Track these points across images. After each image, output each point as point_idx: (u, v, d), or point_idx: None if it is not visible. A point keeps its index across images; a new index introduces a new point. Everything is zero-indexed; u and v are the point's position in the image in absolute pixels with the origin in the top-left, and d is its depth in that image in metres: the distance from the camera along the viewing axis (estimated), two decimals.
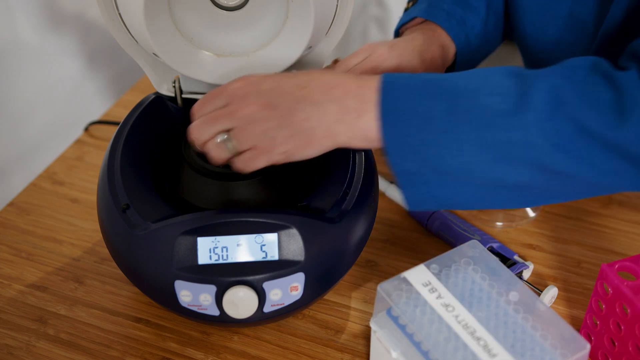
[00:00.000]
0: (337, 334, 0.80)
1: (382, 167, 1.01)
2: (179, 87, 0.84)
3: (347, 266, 0.76)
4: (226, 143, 0.69)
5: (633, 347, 0.70)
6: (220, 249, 0.70)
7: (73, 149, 1.05)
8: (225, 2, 0.78)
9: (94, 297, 0.84)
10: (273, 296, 0.71)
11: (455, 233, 0.88)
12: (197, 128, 0.70)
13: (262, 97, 0.68)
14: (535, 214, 0.92)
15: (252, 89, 0.69)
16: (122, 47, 0.80)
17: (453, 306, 0.67)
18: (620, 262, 0.72)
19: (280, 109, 0.68)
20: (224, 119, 0.68)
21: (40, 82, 1.39)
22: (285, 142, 0.68)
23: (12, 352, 0.78)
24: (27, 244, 0.91)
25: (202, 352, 0.78)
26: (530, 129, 0.62)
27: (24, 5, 1.31)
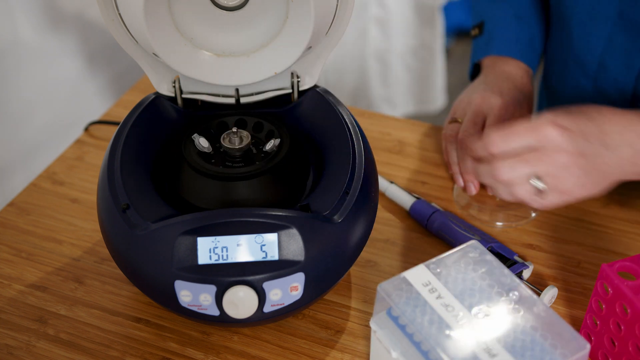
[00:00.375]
0: (337, 334, 0.80)
1: (382, 167, 1.01)
2: (179, 87, 0.84)
3: (347, 266, 0.76)
4: (536, 183, 0.72)
5: (633, 347, 0.70)
6: (220, 249, 0.70)
7: (73, 149, 1.05)
8: (225, 2, 0.78)
9: (94, 297, 0.84)
10: (273, 296, 0.71)
11: (455, 233, 0.88)
12: (509, 168, 0.72)
13: (573, 145, 0.71)
14: (535, 214, 0.92)
15: (566, 137, 0.71)
16: (122, 47, 0.80)
17: (453, 306, 0.67)
18: (620, 262, 0.72)
19: (589, 157, 0.71)
20: (538, 163, 0.71)
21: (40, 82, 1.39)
22: (590, 187, 0.73)
23: (12, 352, 0.78)
24: (27, 244, 0.91)
25: (202, 352, 0.78)
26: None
27: (24, 5, 1.31)
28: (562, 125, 0.72)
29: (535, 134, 0.71)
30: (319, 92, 0.85)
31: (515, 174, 0.72)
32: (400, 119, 1.11)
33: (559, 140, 0.71)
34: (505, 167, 0.72)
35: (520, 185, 0.73)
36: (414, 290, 0.69)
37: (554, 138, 0.71)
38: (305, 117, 0.85)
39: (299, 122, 0.85)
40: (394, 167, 1.01)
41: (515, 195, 0.74)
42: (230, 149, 0.78)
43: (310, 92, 0.86)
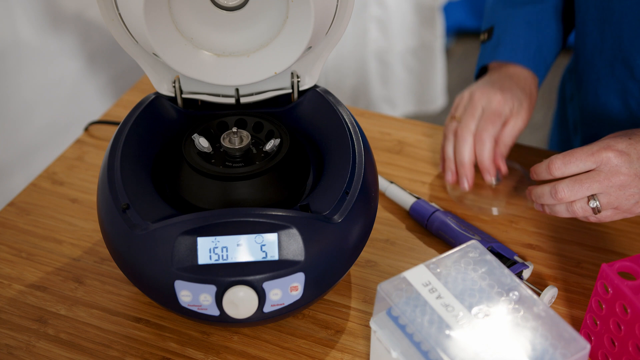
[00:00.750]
0: (337, 334, 0.80)
1: (382, 167, 1.01)
2: (179, 87, 0.84)
3: (347, 266, 0.76)
4: (592, 204, 0.79)
5: (633, 347, 0.70)
6: (220, 249, 0.70)
7: (73, 149, 1.05)
8: (225, 2, 0.78)
9: (94, 297, 0.84)
10: (273, 296, 0.71)
11: (455, 233, 0.88)
12: (569, 188, 0.79)
13: (629, 167, 0.78)
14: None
15: (622, 160, 0.78)
16: (122, 47, 0.80)
17: (453, 306, 0.67)
18: (620, 262, 0.72)
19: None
20: (596, 184, 0.78)
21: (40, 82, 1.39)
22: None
23: (12, 352, 0.78)
24: (27, 244, 0.91)
25: (202, 352, 0.78)
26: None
27: (24, 5, 1.31)
28: (620, 150, 0.78)
29: (594, 157, 0.78)
30: (319, 92, 0.85)
31: (572, 194, 0.79)
32: (400, 119, 1.11)
33: (616, 162, 0.78)
34: (564, 188, 0.79)
35: (577, 203, 0.80)
36: (414, 290, 0.69)
37: (611, 160, 0.78)
38: (305, 117, 0.85)
39: (299, 122, 0.85)
40: (394, 167, 1.01)
41: (572, 212, 0.81)
42: (230, 149, 0.78)
43: (310, 92, 0.86)
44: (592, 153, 0.78)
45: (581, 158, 0.79)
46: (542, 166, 0.82)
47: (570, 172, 0.79)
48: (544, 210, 0.84)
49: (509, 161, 0.99)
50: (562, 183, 0.79)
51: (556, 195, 0.80)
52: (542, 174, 0.82)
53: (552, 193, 0.80)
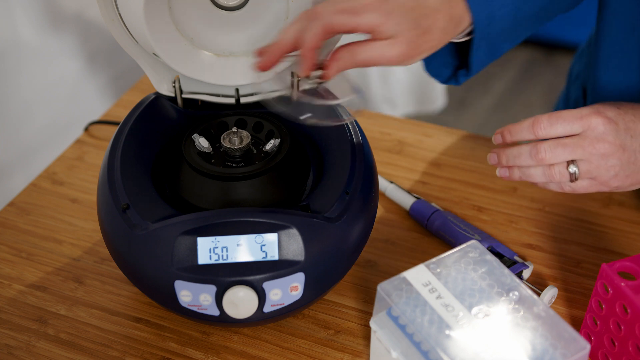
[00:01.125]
0: (337, 334, 0.80)
1: (382, 167, 1.01)
2: (179, 87, 0.84)
3: (347, 266, 0.76)
4: (571, 169, 0.74)
5: (633, 347, 0.70)
6: (220, 249, 0.70)
7: (73, 149, 1.05)
8: (225, 2, 0.78)
9: (94, 297, 0.84)
10: (273, 296, 0.71)
11: (455, 233, 0.88)
12: (551, 149, 0.74)
13: (615, 137, 0.73)
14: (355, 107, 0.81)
15: (610, 128, 0.73)
16: (122, 47, 0.80)
17: (453, 306, 0.67)
18: (620, 262, 0.72)
19: (629, 151, 0.74)
20: (579, 150, 0.74)
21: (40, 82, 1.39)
22: (622, 179, 0.75)
23: (12, 352, 0.78)
24: (27, 244, 0.91)
25: (202, 352, 0.78)
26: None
27: (24, 5, 1.31)
28: (608, 117, 0.74)
29: (581, 121, 0.74)
30: (319, 91, 0.85)
31: (553, 155, 0.74)
32: (400, 119, 1.11)
33: (602, 129, 0.74)
34: (547, 148, 0.74)
35: (556, 167, 0.75)
36: (414, 290, 0.69)
37: (598, 127, 0.74)
38: None
39: (299, 122, 0.85)
40: (394, 167, 1.01)
41: (549, 175, 0.76)
42: (230, 149, 0.78)
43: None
44: (581, 117, 0.74)
45: (568, 120, 0.74)
46: (523, 124, 0.76)
47: (555, 134, 0.74)
48: (512, 174, 0.78)
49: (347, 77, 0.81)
50: (544, 143, 0.74)
51: (537, 156, 0.75)
52: (521, 133, 0.76)
53: (533, 153, 0.74)
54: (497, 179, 0.99)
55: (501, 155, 0.78)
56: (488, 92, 2.67)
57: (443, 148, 1.04)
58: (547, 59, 2.76)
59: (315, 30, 0.69)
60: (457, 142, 1.05)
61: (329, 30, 0.70)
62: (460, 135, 1.06)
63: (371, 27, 0.70)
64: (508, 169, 0.78)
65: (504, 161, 0.78)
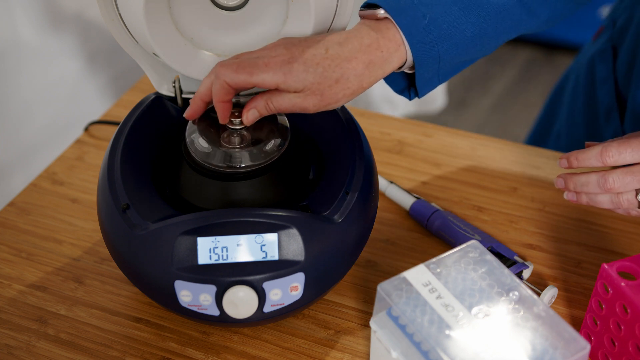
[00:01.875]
0: (337, 334, 0.80)
1: (382, 167, 1.01)
2: (179, 87, 0.84)
3: (347, 266, 0.76)
4: (639, 197, 0.76)
5: (633, 347, 0.70)
6: (220, 249, 0.70)
7: (73, 149, 1.05)
8: (225, 2, 0.78)
9: (94, 297, 0.84)
10: (273, 296, 0.71)
11: (455, 233, 0.88)
12: (620, 178, 0.75)
13: None
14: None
15: None
16: (122, 47, 0.80)
17: (453, 306, 0.67)
18: (620, 262, 0.72)
19: None
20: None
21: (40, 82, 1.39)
22: None
23: (12, 352, 0.78)
24: (27, 244, 0.91)
25: (202, 352, 0.78)
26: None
27: (24, 5, 1.31)
28: None
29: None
30: None
31: (622, 185, 0.75)
32: (400, 119, 1.11)
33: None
34: (615, 178, 0.76)
35: (624, 195, 0.76)
36: (414, 290, 0.69)
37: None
38: (305, 117, 0.85)
39: (299, 122, 0.85)
40: (394, 167, 1.01)
41: (617, 203, 0.77)
42: (230, 148, 0.78)
43: None
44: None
45: (637, 148, 0.74)
46: (591, 152, 0.77)
47: (623, 162, 0.75)
48: (579, 199, 0.79)
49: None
50: (613, 173, 0.75)
51: (605, 185, 0.76)
52: (589, 160, 0.77)
53: (601, 182, 0.76)
54: (497, 179, 0.99)
55: (569, 181, 0.79)
56: (488, 92, 2.67)
57: (443, 148, 1.04)
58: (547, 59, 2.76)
59: (218, 87, 0.72)
60: (457, 142, 1.05)
61: (232, 87, 0.72)
62: (460, 135, 1.06)
63: (273, 85, 0.71)
64: (576, 193, 0.79)
65: (571, 187, 0.79)
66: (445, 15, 0.74)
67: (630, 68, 1.01)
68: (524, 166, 1.00)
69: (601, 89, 1.10)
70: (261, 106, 0.74)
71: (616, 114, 1.06)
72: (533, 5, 0.78)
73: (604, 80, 1.10)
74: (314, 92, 0.71)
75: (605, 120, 1.08)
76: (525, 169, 1.00)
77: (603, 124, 1.09)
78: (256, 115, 0.74)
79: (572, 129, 1.18)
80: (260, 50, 0.73)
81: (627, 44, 1.04)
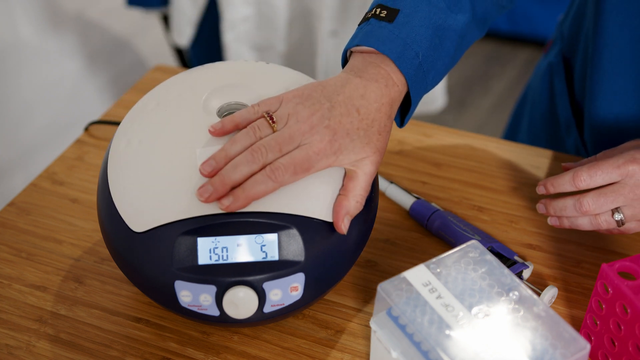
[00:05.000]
0: (337, 334, 0.80)
1: (382, 167, 1.01)
2: None
3: (347, 266, 0.76)
4: (616, 217, 0.80)
5: (633, 347, 0.70)
6: (221, 249, 0.70)
7: (73, 149, 1.05)
8: None
9: (94, 297, 0.84)
10: (273, 296, 0.71)
11: (455, 233, 0.88)
12: (593, 200, 0.79)
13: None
14: None
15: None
16: None
17: (453, 306, 0.67)
18: (620, 262, 0.72)
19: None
20: (621, 197, 0.79)
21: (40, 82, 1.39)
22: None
23: (12, 352, 0.78)
24: (27, 244, 0.91)
25: (202, 352, 0.78)
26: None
27: (24, 5, 1.31)
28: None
29: (619, 170, 0.79)
30: None
31: (597, 207, 0.79)
32: None
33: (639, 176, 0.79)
34: (589, 201, 0.79)
35: (602, 216, 0.80)
36: (414, 290, 0.69)
37: (635, 174, 0.78)
38: None
39: None
40: (394, 167, 1.01)
41: (596, 224, 0.81)
42: None
43: None
44: (618, 166, 0.79)
45: (607, 171, 0.79)
46: (564, 178, 0.81)
47: (595, 184, 0.80)
48: (562, 223, 0.83)
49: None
50: (587, 196, 0.79)
51: (581, 208, 0.80)
52: (563, 186, 0.82)
53: (577, 206, 0.80)
54: (497, 179, 0.99)
55: (549, 207, 0.83)
56: (488, 92, 2.67)
57: (443, 148, 1.04)
58: None
59: (266, 189, 0.70)
60: (457, 142, 1.05)
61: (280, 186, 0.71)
62: (460, 135, 1.06)
63: (327, 167, 0.72)
64: (558, 218, 0.83)
65: (551, 212, 0.83)
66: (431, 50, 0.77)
67: (584, 80, 1.03)
68: (524, 166, 1.00)
69: (559, 102, 1.13)
70: (350, 207, 0.73)
71: (574, 126, 1.08)
72: (487, 17, 0.84)
73: (561, 93, 1.12)
74: (368, 154, 0.73)
75: (566, 132, 1.11)
76: (525, 169, 1.00)
77: (564, 135, 1.12)
78: (350, 217, 0.73)
79: (534, 143, 1.20)
80: (296, 131, 0.70)
81: (579, 56, 1.06)
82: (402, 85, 0.76)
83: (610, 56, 0.95)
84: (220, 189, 0.69)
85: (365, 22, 0.77)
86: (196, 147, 0.73)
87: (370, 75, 0.74)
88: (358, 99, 0.73)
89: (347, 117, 0.72)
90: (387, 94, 0.74)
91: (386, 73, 0.74)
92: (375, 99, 0.73)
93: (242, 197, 0.69)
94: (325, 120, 0.71)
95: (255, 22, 2.02)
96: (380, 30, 0.76)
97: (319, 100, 0.72)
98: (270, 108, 0.73)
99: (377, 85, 0.74)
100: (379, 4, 0.78)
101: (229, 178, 0.69)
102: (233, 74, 0.82)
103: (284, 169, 0.69)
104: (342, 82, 0.74)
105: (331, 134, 0.71)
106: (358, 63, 0.75)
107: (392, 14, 0.77)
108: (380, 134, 0.74)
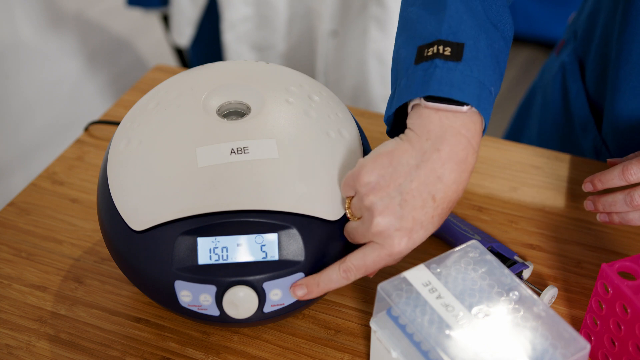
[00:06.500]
0: (337, 334, 0.80)
1: None
2: None
3: None
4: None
5: (633, 347, 0.70)
6: (220, 249, 0.70)
7: (73, 149, 1.05)
8: None
9: (94, 297, 0.84)
10: (273, 296, 0.71)
11: (455, 233, 0.88)
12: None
13: None
14: None
15: None
16: None
17: (453, 306, 0.67)
18: (620, 262, 0.72)
19: None
20: None
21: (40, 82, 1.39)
22: None
23: (12, 352, 0.78)
24: (27, 244, 0.91)
25: (202, 352, 0.78)
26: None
27: (24, 5, 1.31)
28: None
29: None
30: None
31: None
32: None
33: None
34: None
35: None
36: (414, 290, 0.69)
37: None
38: None
39: None
40: None
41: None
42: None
43: None
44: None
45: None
46: (613, 172, 0.79)
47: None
48: (612, 219, 0.82)
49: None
50: (638, 190, 0.78)
51: (632, 202, 0.78)
52: (612, 181, 0.79)
53: (628, 201, 0.78)
54: (497, 179, 0.99)
55: (597, 203, 0.82)
56: None
57: None
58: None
59: (337, 286, 0.72)
60: None
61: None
62: None
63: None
64: (607, 214, 0.82)
65: (600, 208, 0.81)
66: (497, 80, 0.71)
67: (602, 78, 1.02)
68: (524, 166, 1.00)
69: (575, 102, 1.11)
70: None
71: (593, 125, 1.07)
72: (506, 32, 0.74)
73: (577, 93, 1.10)
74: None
75: (582, 131, 1.09)
76: (525, 169, 1.00)
77: (579, 135, 1.10)
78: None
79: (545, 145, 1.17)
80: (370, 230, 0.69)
81: (593, 54, 1.05)
82: (478, 133, 0.69)
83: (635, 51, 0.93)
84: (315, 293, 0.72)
85: (427, 62, 0.68)
86: (196, 147, 0.73)
87: (450, 147, 0.67)
88: (434, 183, 0.67)
89: (422, 210, 0.67)
90: (466, 169, 0.68)
91: (467, 141, 0.67)
92: (454, 179, 0.67)
93: (315, 293, 0.72)
94: (397, 222, 0.68)
95: (255, 22, 2.02)
96: (449, 73, 0.67)
97: (388, 194, 0.67)
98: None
99: (457, 162, 0.67)
100: (437, 39, 0.69)
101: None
102: (233, 74, 0.82)
103: (356, 271, 0.71)
104: (417, 160, 0.67)
105: (407, 235, 0.69)
106: (435, 127, 0.67)
107: (457, 50, 0.68)
108: (450, 209, 0.70)
